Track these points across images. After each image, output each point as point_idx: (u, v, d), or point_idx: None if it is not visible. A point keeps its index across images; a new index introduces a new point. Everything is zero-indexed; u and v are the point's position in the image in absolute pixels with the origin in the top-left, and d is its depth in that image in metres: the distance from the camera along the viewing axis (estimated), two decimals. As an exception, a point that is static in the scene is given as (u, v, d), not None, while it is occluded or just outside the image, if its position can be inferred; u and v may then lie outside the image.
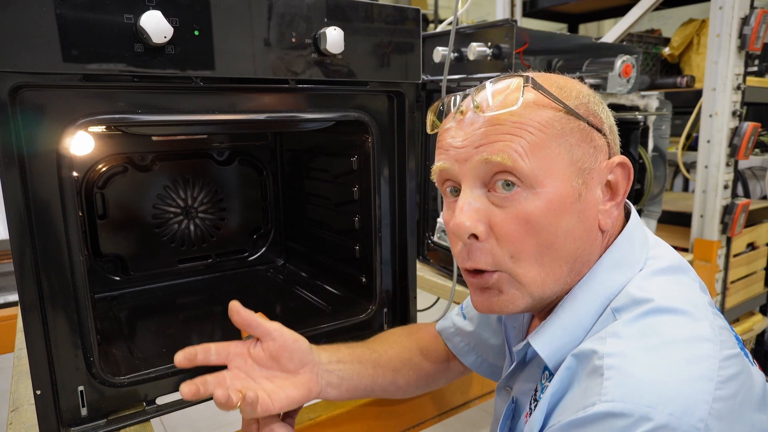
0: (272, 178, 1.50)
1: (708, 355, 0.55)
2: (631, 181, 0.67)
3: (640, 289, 0.62)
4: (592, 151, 0.65)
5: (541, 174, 0.62)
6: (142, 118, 0.80)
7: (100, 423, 0.84)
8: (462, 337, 0.97)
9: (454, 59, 1.39)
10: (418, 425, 1.11)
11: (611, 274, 0.66)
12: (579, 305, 0.65)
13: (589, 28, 4.10)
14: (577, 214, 0.64)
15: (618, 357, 0.55)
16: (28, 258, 0.74)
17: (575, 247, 0.65)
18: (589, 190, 0.65)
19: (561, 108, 0.64)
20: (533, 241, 0.63)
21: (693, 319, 0.58)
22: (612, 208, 0.67)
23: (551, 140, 0.63)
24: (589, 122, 0.65)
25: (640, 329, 0.58)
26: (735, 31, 1.85)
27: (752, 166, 3.36)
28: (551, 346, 0.65)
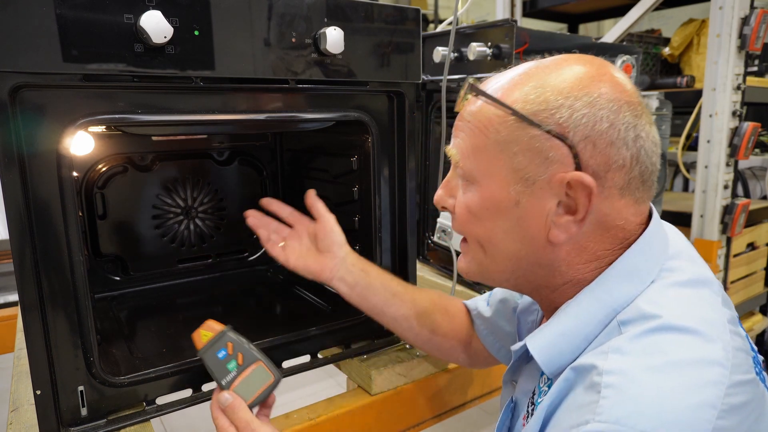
0: (272, 178, 1.50)
1: (715, 380, 0.52)
2: (593, 199, 0.60)
3: (651, 303, 0.59)
4: (541, 161, 0.61)
5: (478, 174, 0.65)
6: (142, 118, 0.80)
7: (100, 423, 0.84)
8: (482, 321, 0.97)
9: (454, 59, 1.39)
10: (418, 425, 1.11)
11: (620, 283, 0.62)
12: (582, 312, 0.63)
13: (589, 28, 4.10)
14: (515, 219, 0.64)
15: (617, 375, 0.53)
16: (28, 258, 0.74)
17: (516, 249, 0.65)
18: (534, 200, 0.62)
19: (510, 113, 0.62)
20: (474, 229, 0.68)
21: (704, 340, 0.55)
22: (569, 224, 0.62)
23: (493, 145, 0.63)
24: (548, 130, 0.60)
25: (645, 347, 0.55)
26: (735, 31, 1.85)
27: (752, 166, 3.36)
28: (548, 353, 0.64)
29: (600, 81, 0.61)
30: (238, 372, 0.84)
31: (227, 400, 0.81)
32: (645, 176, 0.63)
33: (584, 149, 0.59)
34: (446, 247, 1.43)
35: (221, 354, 0.84)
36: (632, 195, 0.62)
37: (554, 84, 0.61)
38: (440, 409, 1.14)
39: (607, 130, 0.59)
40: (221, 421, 0.80)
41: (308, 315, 1.18)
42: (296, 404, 0.99)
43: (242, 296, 1.36)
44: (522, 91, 0.62)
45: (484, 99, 0.65)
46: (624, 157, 0.60)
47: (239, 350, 0.85)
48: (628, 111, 0.60)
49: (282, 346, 1.02)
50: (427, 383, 1.10)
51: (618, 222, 0.63)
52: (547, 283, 0.68)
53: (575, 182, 0.59)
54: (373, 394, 1.04)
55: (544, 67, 0.64)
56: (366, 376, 1.05)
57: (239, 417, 0.80)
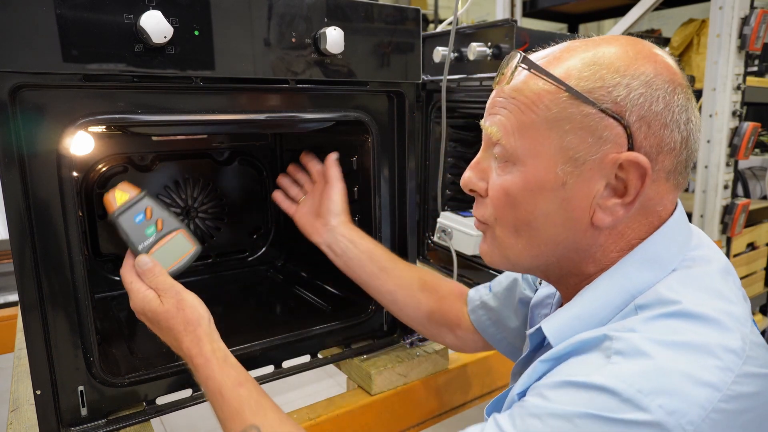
0: (272, 178, 1.50)
1: (726, 366, 0.51)
2: (646, 182, 0.59)
3: (671, 289, 0.58)
4: (593, 141, 0.59)
5: (523, 153, 0.62)
6: (142, 118, 0.80)
7: (100, 423, 0.84)
8: (485, 311, 0.96)
9: (454, 59, 1.39)
10: (418, 425, 1.11)
11: (640, 269, 0.61)
12: (599, 295, 0.62)
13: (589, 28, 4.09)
14: (559, 201, 0.61)
15: (627, 343, 0.53)
16: (28, 258, 0.74)
17: (556, 233, 0.63)
18: (581, 181, 0.60)
19: (563, 89, 0.60)
20: (511, 213, 0.65)
21: (722, 329, 0.54)
22: (617, 207, 0.61)
23: (542, 122, 0.61)
24: (603, 109, 0.58)
25: (658, 327, 0.54)
26: (735, 31, 1.85)
27: (752, 166, 3.36)
28: (560, 333, 0.62)
29: (654, 62, 0.60)
30: (157, 238, 0.80)
31: (146, 264, 0.79)
32: (689, 161, 0.62)
33: (639, 129, 0.58)
34: (446, 247, 1.43)
35: (138, 218, 0.80)
36: (676, 180, 0.62)
37: (609, 62, 0.59)
38: (440, 409, 1.14)
39: (662, 111, 0.58)
40: (137, 284, 0.79)
41: (308, 315, 1.18)
42: (296, 404, 0.99)
43: (242, 296, 1.36)
44: (575, 67, 0.60)
45: (538, 74, 0.61)
46: (675, 140, 0.59)
47: (159, 216, 0.82)
48: (682, 93, 0.60)
49: (282, 346, 1.02)
50: (427, 383, 1.10)
51: (658, 207, 0.62)
52: (578, 271, 0.66)
53: (629, 163, 0.58)
54: (373, 394, 1.04)
55: (593, 44, 0.62)
56: (366, 376, 1.05)
57: (161, 281, 0.78)
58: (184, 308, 0.77)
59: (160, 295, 0.78)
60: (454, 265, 1.32)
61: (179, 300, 0.77)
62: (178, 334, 0.76)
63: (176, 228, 0.82)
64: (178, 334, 0.76)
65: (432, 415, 1.13)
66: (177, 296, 0.77)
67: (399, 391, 1.06)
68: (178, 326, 0.76)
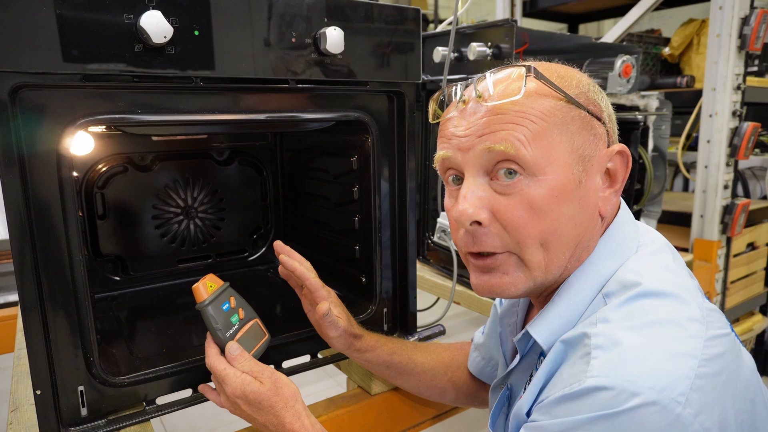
0: (272, 178, 1.50)
1: (694, 334, 0.57)
2: (629, 169, 0.69)
3: (630, 272, 0.65)
4: (592, 139, 0.67)
5: (542, 162, 0.64)
6: (142, 118, 0.80)
7: (100, 423, 0.84)
8: (478, 352, 1.00)
9: (454, 59, 1.39)
10: (418, 425, 1.11)
11: (605, 261, 0.68)
12: (574, 292, 0.68)
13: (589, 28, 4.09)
14: (578, 200, 0.66)
15: (604, 337, 0.58)
16: (28, 258, 0.74)
17: (577, 233, 0.67)
18: (589, 177, 0.67)
19: (562, 97, 0.65)
20: (538, 226, 0.65)
21: (681, 302, 0.61)
22: (611, 195, 0.69)
23: (552, 129, 0.64)
24: (589, 111, 0.66)
25: (628, 312, 0.60)
26: (735, 31, 1.85)
27: (752, 166, 3.36)
28: (548, 333, 0.67)
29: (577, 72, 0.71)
30: (240, 325, 0.85)
31: (236, 350, 0.82)
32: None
33: (609, 125, 0.70)
34: (446, 247, 1.43)
35: (225, 306, 0.84)
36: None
37: (569, 74, 0.68)
38: (440, 409, 1.14)
39: (606, 107, 0.70)
40: (231, 370, 0.80)
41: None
42: (296, 404, 0.99)
43: (242, 296, 1.36)
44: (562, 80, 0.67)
45: (545, 83, 0.65)
46: (615, 129, 0.71)
47: (240, 305, 0.86)
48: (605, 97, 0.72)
49: (282, 346, 1.02)
50: (427, 383, 1.10)
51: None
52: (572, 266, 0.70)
53: (620, 152, 0.68)
54: (373, 394, 1.04)
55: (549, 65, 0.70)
56: (366, 376, 1.05)
57: (252, 364, 0.81)
58: (281, 386, 0.79)
59: (256, 377, 0.80)
60: (454, 265, 1.31)
61: (275, 379, 0.80)
62: (279, 411, 0.78)
63: (253, 317, 0.88)
64: (279, 411, 0.78)
65: (432, 415, 1.13)
66: (272, 376, 0.80)
67: (399, 391, 1.06)
68: (279, 404, 0.78)
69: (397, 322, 1.15)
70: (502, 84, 0.66)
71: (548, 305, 0.69)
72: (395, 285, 1.12)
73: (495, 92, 0.65)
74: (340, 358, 1.09)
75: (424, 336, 1.15)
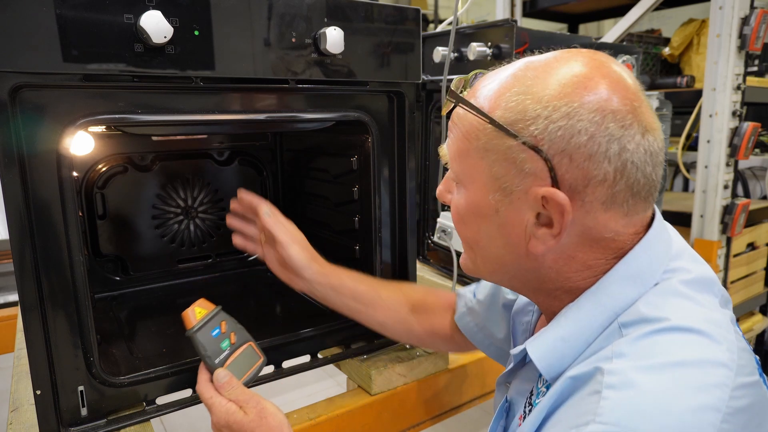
0: (272, 178, 1.50)
1: (720, 382, 0.51)
2: (568, 217, 0.57)
3: (653, 307, 0.58)
4: (517, 172, 0.59)
5: (464, 178, 0.65)
6: (142, 118, 0.80)
7: (100, 423, 0.84)
8: (472, 317, 0.97)
9: (454, 59, 1.39)
10: (418, 425, 1.11)
11: (623, 286, 0.60)
12: (583, 316, 0.61)
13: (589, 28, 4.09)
14: (496, 226, 0.63)
15: (618, 375, 0.52)
16: (28, 258, 0.74)
17: (501, 254, 0.65)
18: (512, 210, 0.61)
19: (488, 121, 0.60)
20: (462, 230, 0.68)
21: (710, 340, 0.54)
22: (547, 237, 0.60)
23: (474, 150, 0.62)
24: (525, 142, 0.57)
25: (647, 347, 0.54)
26: (735, 31, 1.85)
27: (752, 166, 3.36)
28: (549, 358, 0.61)
29: (587, 87, 0.56)
30: (231, 351, 0.84)
31: (224, 377, 0.81)
32: (636, 188, 0.58)
33: (560, 163, 0.56)
34: (446, 247, 1.43)
35: (215, 332, 0.83)
36: (620, 208, 0.59)
37: (536, 91, 0.58)
38: (440, 409, 1.14)
39: (585, 143, 0.55)
40: (217, 399, 0.79)
41: (308, 315, 1.18)
42: (296, 404, 0.99)
43: (242, 296, 1.36)
44: (505, 96, 0.59)
45: (463, 106, 0.62)
46: (606, 171, 0.56)
47: (232, 329, 0.85)
48: (613, 122, 0.56)
49: (282, 346, 1.02)
50: (427, 383, 1.10)
51: (606, 234, 0.60)
52: (540, 287, 0.66)
53: (549, 198, 0.57)
54: (373, 394, 1.04)
55: (534, 68, 0.60)
56: (366, 376, 1.05)
57: (239, 392, 0.80)
58: (266, 416, 0.78)
59: (241, 407, 0.79)
60: (454, 265, 1.31)
61: (261, 409, 0.78)
62: None
63: (246, 341, 0.87)
64: None
65: (432, 415, 1.13)
66: (258, 406, 0.79)
67: (399, 391, 1.06)
68: None
69: (397, 322, 1.15)
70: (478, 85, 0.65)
71: (552, 324, 0.64)
72: (395, 285, 1.12)
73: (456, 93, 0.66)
74: (340, 358, 1.09)
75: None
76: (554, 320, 0.64)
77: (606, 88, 0.57)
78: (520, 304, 0.85)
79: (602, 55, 0.61)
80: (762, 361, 2.65)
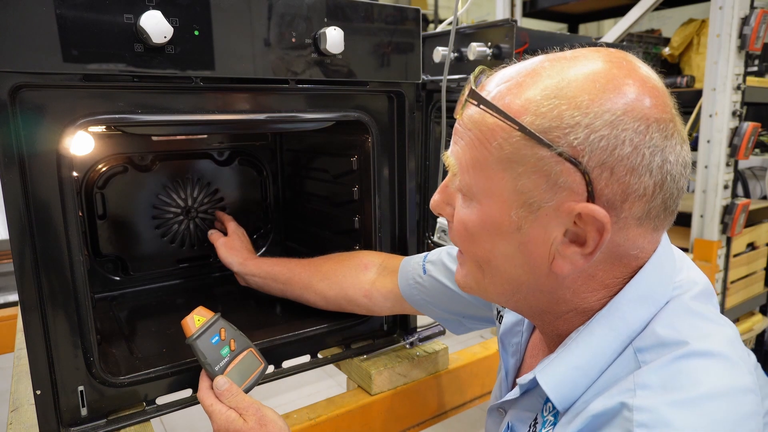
0: (272, 178, 1.50)
1: (752, 411, 0.49)
2: (607, 236, 0.52)
3: (670, 329, 0.54)
4: (547, 187, 0.53)
5: (479, 192, 0.57)
6: (142, 118, 0.80)
7: (100, 423, 0.84)
8: (420, 292, 0.95)
9: (454, 59, 1.39)
10: (418, 425, 1.11)
11: (635, 308, 0.57)
12: (597, 343, 0.57)
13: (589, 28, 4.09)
14: (516, 244, 0.57)
15: (649, 413, 0.48)
16: (28, 258, 0.74)
17: (518, 274, 0.59)
18: (537, 227, 0.55)
19: (517, 128, 0.53)
20: (472, 248, 0.61)
21: (732, 365, 0.52)
22: (576, 256, 0.55)
23: (496, 162, 0.55)
24: (559, 152, 0.51)
25: (672, 377, 0.50)
26: (735, 31, 1.85)
27: (752, 166, 3.36)
28: (563, 389, 0.57)
29: (627, 92, 0.51)
30: (231, 358, 0.84)
31: (224, 384, 0.81)
32: (669, 202, 0.54)
33: (599, 176, 0.51)
34: (446, 247, 1.43)
35: (215, 339, 0.84)
36: (651, 223, 0.55)
37: (572, 94, 0.51)
38: (440, 409, 1.13)
39: (629, 155, 0.50)
40: (217, 406, 0.79)
41: (308, 315, 1.18)
42: (296, 404, 0.99)
43: (242, 296, 1.36)
44: (533, 99, 0.53)
45: (488, 110, 0.55)
46: (646, 185, 0.52)
47: (232, 336, 0.86)
48: (657, 132, 0.51)
49: (282, 346, 1.02)
50: (427, 383, 1.10)
51: (632, 252, 0.56)
52: (550, 309, 0.62)
53: (586, 215, 0.52)
54: (373, 394, 1.04)
55: (561, 68, 0.54)
56: (366, 376, 1.05)
57: (239, 399, 0.80)
58: (266, 424, 0.77)
59: (241, 414, 0.78)
60: (454, 265, 1.31)
61: (260, 417, 0.78)
62: None
63: (247, 347, 0.87)
64: None
65: (432, 415, 1.13)
66: (258, 413, 0.78)
67: (399, 391, 1.06)
68: None
69: (397, 321, 1.15)
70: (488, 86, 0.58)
71: (562, 350, 0.59)
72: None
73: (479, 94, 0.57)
74: (340, 358, 1.09)
75: (424, 336, 1.14)
76: (565, 346, 0.59)
77: (647, 94, 0.52)
78: (507, 325, 0.79)
79: (628, 55, 0.56)
80: (762, 361, 2.65)
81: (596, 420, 0.52)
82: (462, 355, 1.18)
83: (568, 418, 0.57)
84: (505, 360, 0.79)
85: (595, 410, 0.52)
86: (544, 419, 0.62)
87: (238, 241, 1.25)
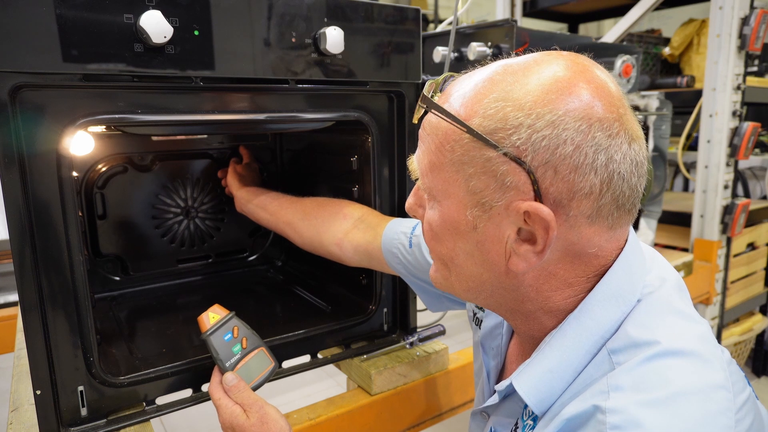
0: (272, 178, 1.50)
1: (724, 408, 0.50)
2: (552, 233, 0.54)
3: (642, 328, 0.56)
4: (497, 186, 0.55)
5: (438, 193, 0.60)
6: (142, 118, 0.80)
7: (100, 423, 0.84)
8: (402, 265, 0.95)
9: (454, 59, 1.39)
10: (418, 425, 1.11)
11: (605, 307, 0.58)
12: (569, 344, 0.58)
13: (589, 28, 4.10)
14: (474, 243, 0.59)
15: (622, 415, 0.49)
16: (28, 258, 0.74)
17: (479, 272, 0.61)
18: (492, 225, 0.57)
19: (465, 130, 0.55)
20: (437, 247, 0.64)
21: (703, 362, 0.52)
22: (529, 254, 0.56)
23: (449, 164, 0.57)
24: (507, 153, 0.53)
25: (644, 377, 0.51)
26: (735, 31, 1.85)
27: (752, 166, 3.36)
28: (538, 393, 0.58)
29: (571, 93, 0.53)
30: (242, 355, 0.87)
31: (232, 381, 0.83)
32: (621, 201, 0.55)
33: (544, 175, 0.52)
34: (446, 247, 1.43)
35: (227, 336, 0.87)
36: (604, 221, 0.56)
37: (517, 96, 0.53)
38: (440, 409, 1.14)
39: (571, 153, 0.52)
40: (224, 401, 0.82)
41: (308, 315, 1.18)
42: (296, 404, 0.99)
43: (242, 296, 1.36)
44: (483, 103, 0.55)
45: (437, 113, 0.57)
46: (592, 183, 0.53)
47: (244, 335, 0.89)
48: (600, 131, 0.52)
49: (282, 346, 1.02)
50: (427, 383, 1.10)
51: (589, 250, 0.57)
52: (518, 308, 0.63)
53: (533, 213, 0.53)
54: (373, 394, 1.04)
55: (513, 72, 0.56)
56: (366, 376, 1.05)
57: (245, 396, 0.82)
58: (267, 422, 0.80)
59: (245, 410, 0.81)
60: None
61: (263, 414, 0.81)
62: None
63: (258, 346, 0.90)
64: None
65: (432, 415, 1.13)
66: (261, 411, 0.81)
67: (399, 391, 1.06)
68: None
69: (397, 321, 1.15)
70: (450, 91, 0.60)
71: (537, 355, 0.60)
72: (395, 285, 1.13)
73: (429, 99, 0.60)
74: (340, 358, 1.09)
75: (424, 336, 1.15)
76: (539, 350, 0.60)
77: (591, 94, 0.53)
78: (486, 329, 0.80)
79: (583, 58, 0.57)
80: (762, 361, 2.65)
81: (570, 423, 0.52)
82: (462, 355, 1.18)
83: (545, 422, 0.57)
84: (486, 363, 0.79)
85: (568, 414, 0.53)
86: (524, 423, 0.63)
87: (247, 171, 1.36)
